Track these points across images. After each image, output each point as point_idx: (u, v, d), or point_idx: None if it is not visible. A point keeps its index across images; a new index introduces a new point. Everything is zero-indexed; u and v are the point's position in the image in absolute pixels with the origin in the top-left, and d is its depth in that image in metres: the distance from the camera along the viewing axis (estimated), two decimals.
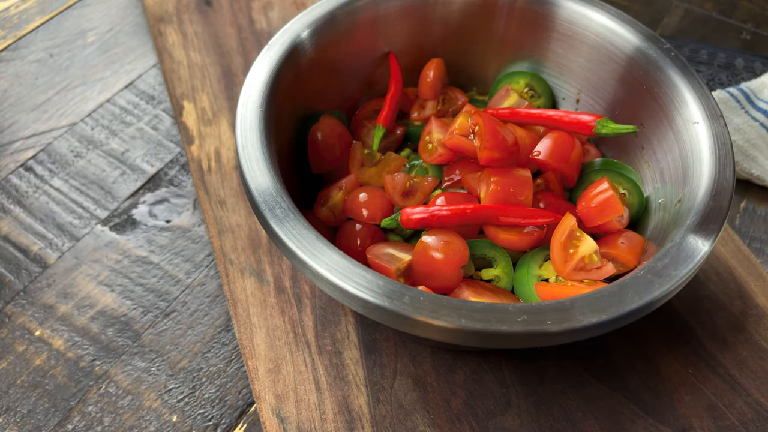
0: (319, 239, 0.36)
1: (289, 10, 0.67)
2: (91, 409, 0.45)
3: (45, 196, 0.55)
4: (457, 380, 0.45)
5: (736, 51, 0.65)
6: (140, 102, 0.62)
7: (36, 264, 0.51)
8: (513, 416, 0.43)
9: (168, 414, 0.45)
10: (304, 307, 0.48)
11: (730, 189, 0.39)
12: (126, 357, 0.47)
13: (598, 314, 0.34)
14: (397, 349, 0.46)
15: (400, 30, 0.51)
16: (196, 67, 0.62)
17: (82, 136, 0.59)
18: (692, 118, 0.43)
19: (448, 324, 0.33)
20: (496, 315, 0.33)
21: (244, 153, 0.40)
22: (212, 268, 0.51)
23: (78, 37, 0.67)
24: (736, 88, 0.59)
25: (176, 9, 0.67)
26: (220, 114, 0.59)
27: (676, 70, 0.44)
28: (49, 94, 0.62)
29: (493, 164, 0.43)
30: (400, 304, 0.33)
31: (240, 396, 0.46)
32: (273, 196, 0.38)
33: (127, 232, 0.53)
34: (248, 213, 0.52)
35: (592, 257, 0.41)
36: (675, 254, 0.36)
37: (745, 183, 0.57)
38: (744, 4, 0.71)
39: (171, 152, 0.58)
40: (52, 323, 0.48)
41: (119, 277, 0.51)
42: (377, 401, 0.44)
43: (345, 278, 0.35)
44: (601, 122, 0.45)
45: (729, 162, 0.40)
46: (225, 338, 0.48)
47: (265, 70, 0.44)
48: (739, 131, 0.57)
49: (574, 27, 0.49)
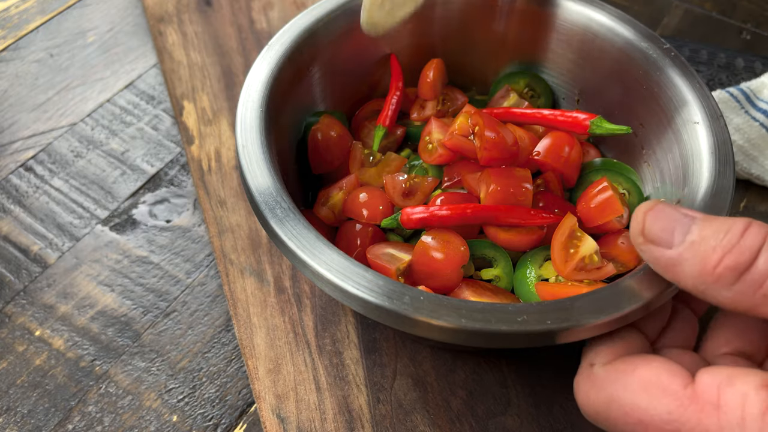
0: (319, 239, 0.36)
1: (289, 10, 0.67)
2: (91, 409, 0.45)
3: (45, 196, 0.55)
4: (457, 380, 0.45)
5: (736, 51, 0.65)
6: (140, 102, 0.62)
7: (36, 264, 0.51)
8: (513, 416, 0.44)
9: (168, 414, 0.45)
10: (304, 307, 0.48)
11: (731, 189, 0.39)
12: (126, 357, 0.47)
13: (598, 314, 0.34)
14: (397, 349, 0.46)
15: (400, 30, 0.51)
16: (196, 67, 0.62)
17: (82, 136, 0.59)
18: (692, 118, 0.43)
19: (448, 324, 0.33)
20: (496, 315, 0.33)
21: (244, 153, 0.40)
22: (212, 268, 0.51)
23: (78, 37, 0.67)
24: (736, 88, 0.59)
25: (176, 9, 0.67)
26: (220, 114, 0.59)
27: (676, 70, 0.44)
28: (49, 94, 0.62)
29: (493, 164, 0.43)
30: (400, 304, 0.33)
31: (240, 396, 0.46)
32: (273, 196, 0.38)
33: (127, 232, 0.53)
34: (248, 213, 0.52)
35: (593, 257, 0.41)
36: None
37: (745, 183, 0.57)
38: (744, 4, 0.71)
39: (171, 152, 0.58)
40: (52, 323, 0.48)
41: (119, 277, 0.51)
42: (377, 401, 0.44)
43: (345, 278, 0.35)
44: (595, 122, 0.46)
45: (729, 162, 0.40)
46: (225, 338, 0.48)
47: (265, 70, 0.44)
48: (739, 131, 0.57)
49: (574, 27, 0.49)
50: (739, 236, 0.30)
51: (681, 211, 0.33)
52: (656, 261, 0.33)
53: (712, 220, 0.32)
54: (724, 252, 0.30)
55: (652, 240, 0.33)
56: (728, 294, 0.31)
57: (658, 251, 0.33)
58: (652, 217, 0.33)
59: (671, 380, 0.31)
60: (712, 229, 0.31)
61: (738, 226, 0.31)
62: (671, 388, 0.31)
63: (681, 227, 0.32)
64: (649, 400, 0.31)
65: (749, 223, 0.31)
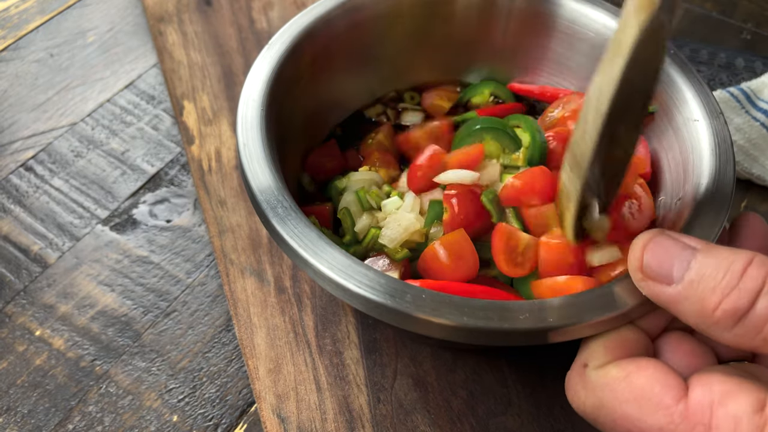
0: (321, 238, 0.36)
1: (289, 9, 0.67)
2: (92, 409, 0.45)
3: (45, 196, 0.55)
4: (457, 380, 0.45)
5: (736, 51, 0.65)
6: (140, 102, 0.62)
7: (36, 264, 0.51)
8: (513, 416, 0.43)
9: (168, 414, 0.45)
10: (304, 306, 0.48)
11: (731, 186, 0.39)
12: (126, 357, 0.47)
13: (600, 311, 0.34)
14: (397, 349, 0.46)
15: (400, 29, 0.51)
16: (197, 67, 0.62)
17: (82, 135, 0.59)
18: (692, 116, 0.43)
19: (449, 321, 0.33)
20: (498, 312, 0.33)
21: (246, 151, 0.40)
22: (212, 268, 0.51)
23: (78, 37, 0.67)
24: (736, 88, 0.59)
25: (176, 9, 0.67)
26: (221, 114, 0.59)
27: (675, 68, 0.44)
28: (49, 94, 0.62)
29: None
30: (401, 302, 0.33)
31: (240, 396, 0.46)
32: (274, 195, 0.38)
33: (127, 232, 0.53)
34: (248, 213, 0.52)
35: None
36: None
37: (746, 183, 0.57)
38: (744, 4, 0.71)
39: (171, 152, 0.58)
40: (52, 323, 0.48)
41: (119, 277, 0.51)
42: (378, 401, 0.44)
43: (347, 276, 0.35)
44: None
45: (729, 159, 0.40)
46: (225, 338, 0.48)
47: (266, 69, 0.44)
48: (739, 131, 0.57)
49: (574, 26, 0.49)
50: (738, 277, 0.29)
51: (680, 242, 0.32)
52: (657, 297, 0.32)
53: (712, 254, 0.31)
54: (723, 295, 0.29)
55: (651, 276, 0.32)
56: (729, 336, 0.30)
57: (658, 288, 0.32)
58: (650, 252, 0.32)
59: (664, 393, 0.31)
60: (712, 267, 0.30)
61: (738, 265, 0.30)
62: (664, 402, 0.30)
63: (680, 263, 0.31)
64: (640, 413, 0.31)
65: (750, 260, 0.30)
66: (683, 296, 0.31)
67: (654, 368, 0.32)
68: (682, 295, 0.31)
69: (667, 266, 0.32)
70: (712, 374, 0.31)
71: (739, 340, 0.30)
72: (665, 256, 0.32)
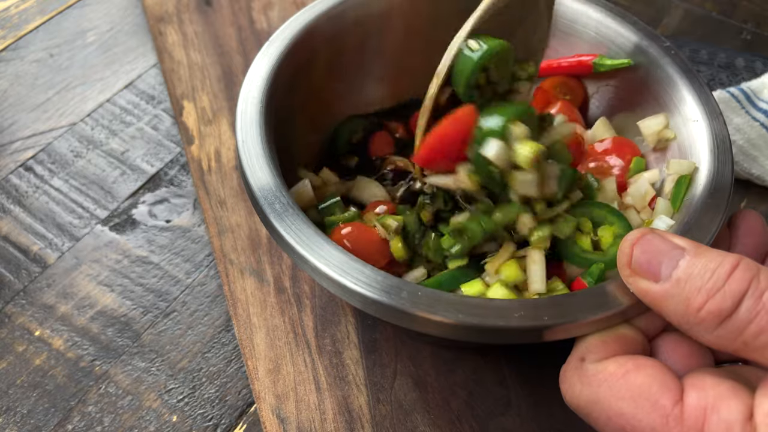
0: (318, 234, 0.36)
1: (289, 9, 0.67)
2: (91, 409, 0.45)
3: (45, 196, 0.55)
4: (457, 380, 0.45)
5: (736, 51, 0.65)
6: (140, 102, 0.62)
7: (36, 264, 0.51)
8: (513, 416, 0.43)
9: (168, 414, 0.45)
10: (304, 307, 0.48)
11: (729, 187, 0.39)
12: (126, 357, 0.47)
13: (595, 310, 0.34)
14: (397, 349, 0.46)
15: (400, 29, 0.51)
16: (196, 67, 0.62)
17: (82, 136, 0.59)
18: (691, 116, 0.43)
19: (445, 319, 0.33)
20: (494, 310, 0.33)
21: (244, 148, 0.40)
22: (212, 268, 0.51)
23: (78, 37, 0.67)
24: (736, 88, 0.59)
25: (176, 9, 0.67)
26: (220, 114, 0.59)
27: (675, 68, 0.44)
28: (49, 94, 0.62)
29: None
30: (398, 299, 0.34)
31: (240, 396, 0.46)
32: (273, 192, 0.38)
33: (127, 232, 0.53)
34: (248, 213, 0.52)
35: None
36: None
37: (746, 183, 0.57)
38: (744, 4, 0.71)
39: (171, 152, 0.58)
40: (52, 323, 0.48)
41: (119, 277, 0.51)
42: (377, 401, 0.44)
43: (343, 273, 0.35)
44: (597, 60, 0.48)
45: (728, 160, 0.40)
46: (225, 338, 0.48)
47: (266, 67, 0.44)
48: (739, 131, 0.57)
49: (574, 25, 0.49)
50: (725, 278, 0.30)
51: (670, 241, 0.32)
52: (643, 294, 0.33)
53: (701, 255, 0.31)
54: (708, 296, 0.30)
55: (639, 273, 0.32)
56: (710, 337, 0.30)
57: (645, 284, 0.32)
58: (639, 249, 0.33)
59: (662, 394, 0.31)
60: (699, 267, 0.30)
61: (725, 267, 0.30)
62: (660, 403, 0.30)
63: (669, 261, 0.31)
64: (635, 411, 0.31)
65: (737, 263, 0.30)
66: (669, 294, 0.31)
67: (653, 367, 0.32)
68: (669, 293, 0.31)
69: (656, 263, 0.32)
70: (707, 377, 0.31)
71: (720, 342, 0.30)
72: (655, 253, 0.32)
